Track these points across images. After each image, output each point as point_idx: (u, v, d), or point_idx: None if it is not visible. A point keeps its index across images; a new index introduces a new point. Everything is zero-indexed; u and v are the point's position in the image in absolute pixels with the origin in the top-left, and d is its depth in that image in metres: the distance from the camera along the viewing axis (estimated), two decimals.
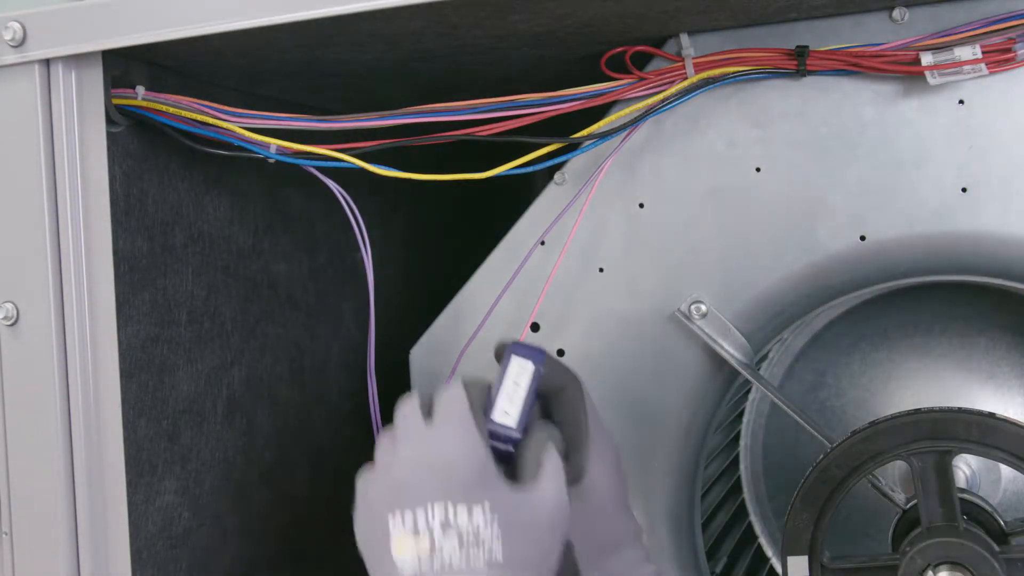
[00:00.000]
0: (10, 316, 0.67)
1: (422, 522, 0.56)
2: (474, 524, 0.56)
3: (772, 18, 0.72)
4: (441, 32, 0.69)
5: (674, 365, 0.77)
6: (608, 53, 0.73)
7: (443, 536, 0.55)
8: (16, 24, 0.65)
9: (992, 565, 0.63)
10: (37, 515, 0.68)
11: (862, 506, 0.88)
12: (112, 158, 0.68)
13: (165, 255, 0.73)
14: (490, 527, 0.56)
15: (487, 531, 0.56)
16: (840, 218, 0.73)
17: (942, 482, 0.66)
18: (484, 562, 0.55)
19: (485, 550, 0.56)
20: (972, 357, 0.91)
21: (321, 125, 0.69)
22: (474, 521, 0.56)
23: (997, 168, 0.70)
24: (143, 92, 0.69)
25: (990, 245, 0.71)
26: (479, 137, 0.70)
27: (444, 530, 0.56)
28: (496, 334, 0.78)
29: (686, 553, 0.81)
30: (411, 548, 0.56)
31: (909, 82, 0.71)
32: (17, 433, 0.68)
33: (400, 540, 0.56)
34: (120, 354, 0.67)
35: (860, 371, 0.93)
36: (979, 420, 0.65)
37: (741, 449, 0.94)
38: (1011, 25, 0.67)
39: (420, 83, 0.87)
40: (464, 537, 0.56)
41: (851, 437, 0.68)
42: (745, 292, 0.75)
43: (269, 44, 0.68)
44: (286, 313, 0.90)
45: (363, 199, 0.73)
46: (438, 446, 0.59)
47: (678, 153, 0.76)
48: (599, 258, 0.78)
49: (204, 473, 0.77)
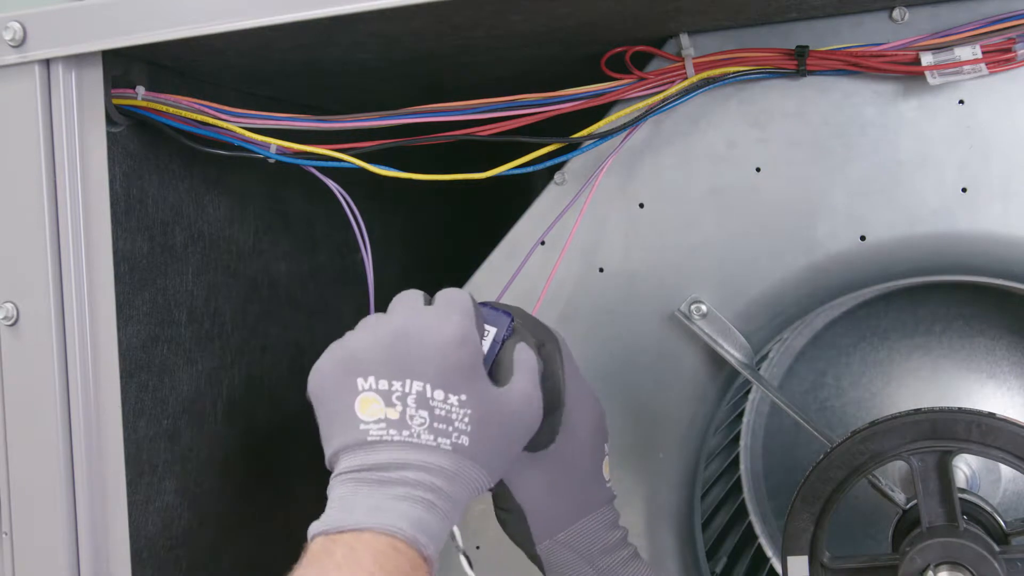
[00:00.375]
0: (10, 316, 0.67)
1: (398, 392, 0.57)
2: (448, 406, 0.57)
3: (772, 18, 0.72)
4: (441, 32, 0.69)
5: (674, 365, 0.77)
6: (608, 53, 0.73)
7: (415, 410, 0.56)
8: (16, 24, 0.65)
9: (992, 565, 0.63)
10: (37, 515, 0.68)
11: (862, 506, 0.88)
12: (112, 158, 0.68)
13: (165, 255, 0.73)
14: (463, 415, 0.57)
15: (460, 419, 0.57)
16: (840, 218, 0.73)
17: (942, 482, 0.66)
18: (450, 444, 0.56)
19: (454, 433, 0.57)
20: (972, 357, 0.91)
21: (321, 125, 0.69)
22: (449, 404, 0.57)
23: (997, 168, 0.70)
24: (143, 92, 0.69)
25: (990, 245, 0.71)
26: (479, 137, 0.70)
27: (418, 405, 0.56)
28: None
29: (686, 553, 0.81)
30: (379, 411, 0.56)
31: (909, 82, 0.71)
32: (17, 433, 0.68)
33: (368, 399, 0.57)
34: (120, 354, 0.67)
35: (860, 371, 0.93)
36: (979, 420, 0.65)
37: (741, 449, 0.93)
38: (1011, 25, 0.67)
39: (420, 83, 0.87)
40: (436, 415, 0.56)
41: (851, 437, 0.68)
42: (745, 292, 0.75)
43: (269, 44, 0.68)
44: (286, 313, 0.90)
45: (363, 199, 0.73)
46: (437, 325, 0.59)
47: (678, 153, 0.76)
48: (599, 258, 0.78)
49: (204, 473, 0.77)
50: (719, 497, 0.91)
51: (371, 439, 0.56)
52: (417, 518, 0.53)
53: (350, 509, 0.54)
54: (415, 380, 0.57)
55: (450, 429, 0.57)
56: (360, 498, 0.54)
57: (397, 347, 0.58)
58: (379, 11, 0.60)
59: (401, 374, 0.57)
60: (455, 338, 0.58)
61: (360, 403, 0.57)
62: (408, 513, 0.53)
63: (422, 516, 0.54)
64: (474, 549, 0.82)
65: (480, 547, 0.82)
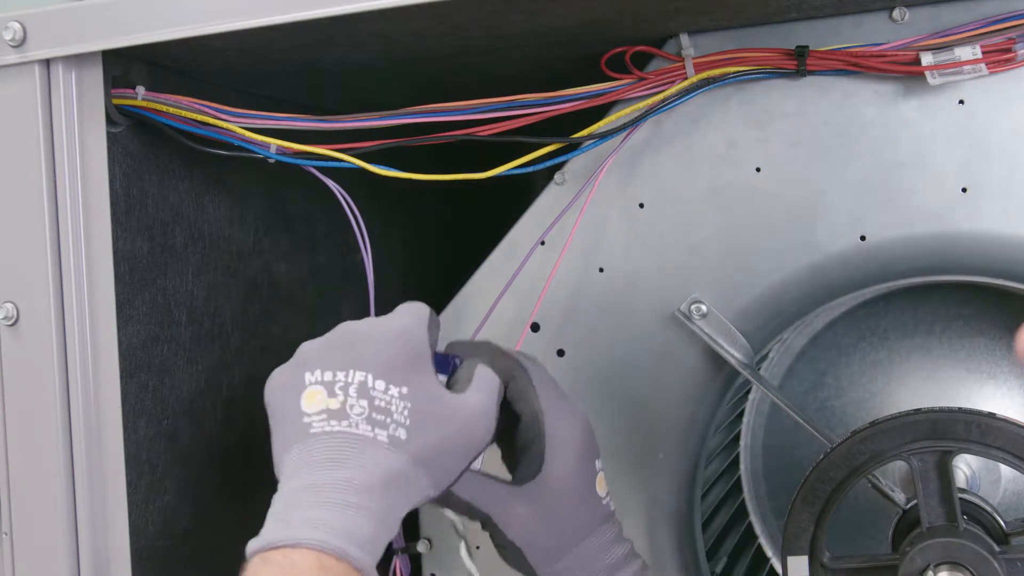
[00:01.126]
0: (10, 316, 0.67)
1: (341, 382, 0.57)
2: (388, 397, 0.57)
3: (772, 18, 0.72)
4: (441, 32, 0.69)
5: (674, 365, 0.77)
6: (608, 53, 0.73)
7: (356, 399, 0.56)
8: (16, 24, 0.65)
9: (992, 565, 0.63)
10: (37, 515, 0.68)
11: (862, 506, 0.88)
12: (112, 158, 0.68)
13: (165, 255, 0.73)
14: (402, 408, 0.57)
15: (399, 411, 0.57)
16: (840, 218, 0.73)
17: (942, 482, 0.66)
18: (387, 436, 0.56)
19: (392, 424, 0.56)
20: (972, 357, 0.91)
21: (321, 125, 0.69)
22: (388, 395, 0.57)
23: (997, 168, 0.70)
24: (143, 92, 0.69)
25: (990, 245, 0.71)
26: (479, 137, 0.70)
27: (359, 394, 0.56)
28: (496, 334, 0.78)
29: (686, 553, 0.81)
30: (321, 402, 0.57)
31: (909, 82, 0.71)
32: (17, 433, 0.68)
33: (312, 392, 0.57)
34: (120, 354, 0.67)
35: (860, 371, 0.93)
36: (979, 420, 0.65)
37: (741, 449, 0.93)
38: (1011, 25, 0.67)
39: (420, 83, 0.87)
40: (375, 404, 0.56)
41: (851, 437, 0.68)
42: (745, 292, 0.75)
43: (269, 44, 0.68)
44: (286, 313, 0.90)
45: (363, 199, 0.73)
46: (385, 320, 0.60)
47: (678, 153, 0.76)
48: (599, 258, 0.78)
49: (204, 473, 0.77)
50: (719, 497, 0.91)
51: (313, 431, 0.56)
52: (347, 530, 0.52)
53: (284, 522, 0.53)
54: (358, 370, 0.57)
55: (388, 420, 0.56)
56: (294, 510, 0.54)
57: (343, 340, 0.59)
58: (379, 11, 0.60)
59: (345, 365, 0.57)
60: (399, 329, 0.59)
61: (306, 397, 0.57)
62: (338, 525, 0.52)
63: (352, 526, 0.52)
64: (474, 549, 0.82)
65: (480, 547, 0.82)
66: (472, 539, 0.82)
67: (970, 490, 0.76)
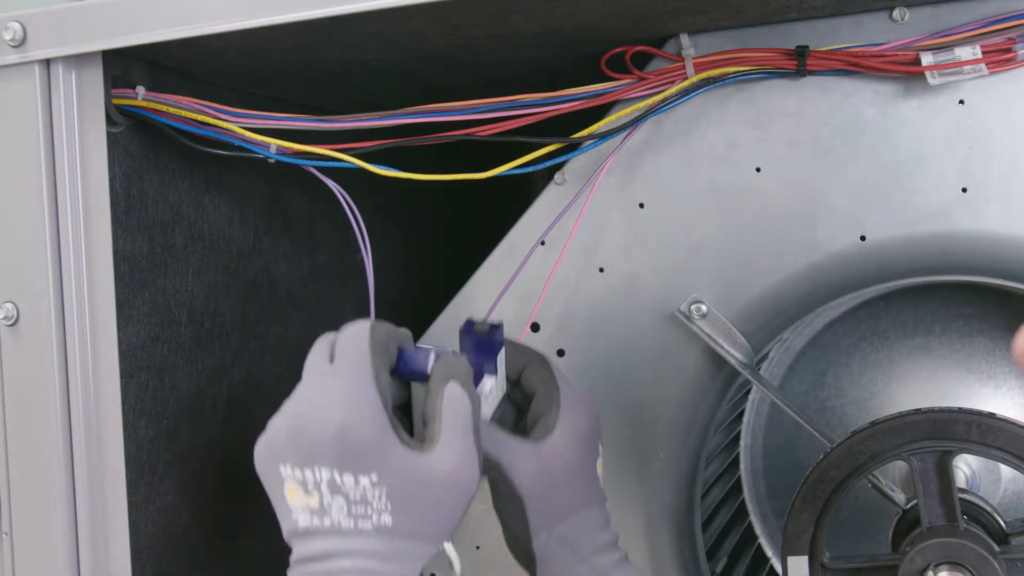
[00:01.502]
0: (10, 316, 0.67)
1: (311, 480, 0.56)
2: (360, 489, 0.55)
3: (772, 18, 0.72)
4: (441, 32, 0.69)
5: (674, 365, 0.77)
6: (608, 53, 0.73)
7: (331, 497, 0.55)
8: (16, 24, 0.65)
9: (992, 565, 0.63)
10: (37, 515, 0.68)
11: (862, 506, 0.88)
12: (112, 158, 0.68)
13: (165, 255, 0.73)
14: (379, 495, 0.55)
15: (376, 498, 0.55)
16: (840, 218, 0.73)
17: (942, 482, 0.66)
18: (372, 526, 0.55)
19: (374, 514, 0.55)
20: (972, 357, 0.91)
21: (321, 125, 0.69)
22: (360, 487, 0.55)
23: (997, 168, 0.70)
24: (143, 92, 0.69)
25: (990, 245, 0.71)
26: (479, 137, 0.70)
27: (332, 492, 0.55)
28: None
29: (686, 553, 0.81)
30: (301, 499, 0.56)
31: (909, 82, 0.71)
32: (17, 433, 0.68)
33: (292, 489, 0.56)
34: (120, 354, 0.67)
35: (860, 371, 0.93)
36: (979, 420, 0.65)
37: (741, 449, 0.93)
38: (1011, 25, 0.67)
39: (420, 83, 0.87)
40: (351, 499, 0.55)
41: (851, 437, 0.68)
42: (745, 292, 0.75)
43: (269, 44, 0.68)
44: (286, 313, 0.90)
45: (363, 199, 0.73)
46: (332, 398, 0.56)
47: (678, 153, 0.76)
48: (599, 258, 0.78)
49: (204, 473, 0.77)
50: (719, 497, 0.91)
51: (301, 528, 0.56)
52: None
53: None
54: (322, 467, 0.55)
55: (369, 511, 0.55)
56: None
57: (298, 435, 0.56)
58: (379, 11, 0.60)
59: (309, 461, 0.56)
60: (349, 420, 0.55)
61: (288, 491, 0.57)
62: None
63: None
64: (474, 549, 0.82)
65: (480, 547, 0.82)
66: (472, 539, 0.82)
67: (970, 490, 0.76)
